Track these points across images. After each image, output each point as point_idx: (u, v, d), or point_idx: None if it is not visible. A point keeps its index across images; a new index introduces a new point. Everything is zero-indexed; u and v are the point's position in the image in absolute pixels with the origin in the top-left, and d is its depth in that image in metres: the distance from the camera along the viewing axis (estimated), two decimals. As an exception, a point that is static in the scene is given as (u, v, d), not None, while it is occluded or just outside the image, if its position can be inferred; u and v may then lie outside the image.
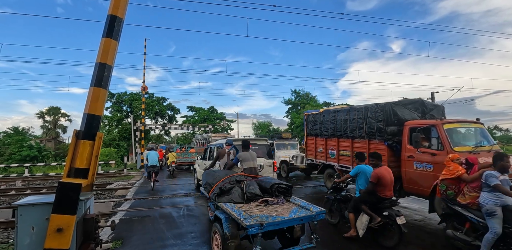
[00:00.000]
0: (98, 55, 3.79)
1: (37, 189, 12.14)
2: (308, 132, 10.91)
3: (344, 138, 8.66)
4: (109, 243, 4.79)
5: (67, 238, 2.99)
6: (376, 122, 7.26)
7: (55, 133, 37.80)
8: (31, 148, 24.56)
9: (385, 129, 6.93)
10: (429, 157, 5.96)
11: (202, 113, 40.17)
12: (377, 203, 4.69)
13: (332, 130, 9.17)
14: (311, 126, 10.65)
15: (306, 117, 11.21)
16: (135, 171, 19.04)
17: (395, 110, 6.92)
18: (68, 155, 3.42)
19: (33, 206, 3.10)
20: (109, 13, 3.94)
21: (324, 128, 9.70)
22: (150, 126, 27.46)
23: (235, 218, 3.53)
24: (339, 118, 8.89)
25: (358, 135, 7.96)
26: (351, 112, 8.41)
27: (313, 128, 10.50)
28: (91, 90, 3.66)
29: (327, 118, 9.59)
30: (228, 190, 4.44)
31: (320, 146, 10.06)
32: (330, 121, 9.34)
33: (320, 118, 10.02)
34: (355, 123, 8.10)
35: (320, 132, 9.93)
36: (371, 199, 4.70)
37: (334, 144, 9.11)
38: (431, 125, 6.16)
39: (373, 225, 4.60)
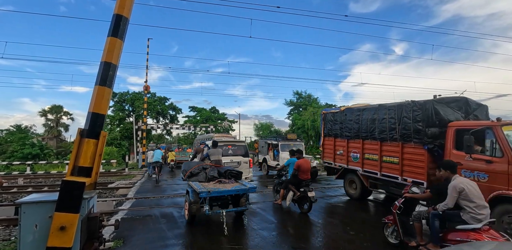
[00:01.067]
0: (104, 54, 3.80)
1: (38, 187, 12.18)
2: (326, 132, 9.88)
3: (370, 140, 7.70)
4: (111, 242, 4.79)
5: (70, 236, 2.99)
6: (413, 123, 6.33)
7: (57, 132, 37.93)
8: (33, 146, 24.66)
9: (425, 131, 6.00)
10: (483, 164, 5.04)
11: (203, 113, 40.21)
12: (298, 183, 6.98)
13: (356, 130, 8.19)
14: (330, 125, 9.62)
15: (324, 115, 10.13)
16: (136, 170, 19.06)
17: (437, 109, 5.97)
18: (72, 154, 3.43)
19: (37, 204, 3.11)
20: (115, 13, 3.95)
21: (345, 128, 8.71)
22: (151, 125, 27.48)
23: (195, 189, 5.45)
24: (365, 117, 7.91)
25: (389, 137, 7.03)
26: (380, 111, 7.44)
27: (332, 128, 9.49)
28: (96, 89, 3.66)
29: (349, 117, 8.56)
30: (196, 174, 6.50)
31: (340, 148, 9.06)
32: (354, 120, 8.34)
33: (341, 117, 8.98)
34: (385, 123, 7.15)
35: (341, 133, 8.93)
36: (295, 180, 7.04)
37: (358, 147, 8.12)
38: (486, 126, 5.20)
39: (295, 198, 6.93)
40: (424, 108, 6.14)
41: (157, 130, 33.99)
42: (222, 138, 19.17)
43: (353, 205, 7.98)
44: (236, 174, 6.64)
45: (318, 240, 5.03)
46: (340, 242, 4.88)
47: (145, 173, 17.00)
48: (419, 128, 6.17)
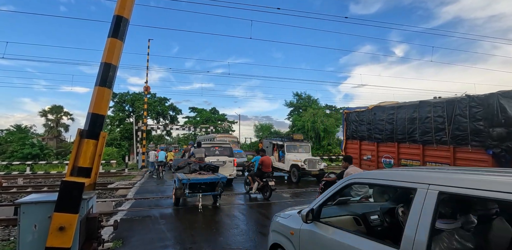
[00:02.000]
0: (104, 55, 3.81)
1: (38, 187, 12.17)
2: (349, 135, 8.79)
3: (409, 143, 6.60)
4: (110, 242, 4.79)
5: (69, 236, 3.00)
6: (472, 122, 5.29)
7: (57, 132, 37.93)
8: (33, 146, 24.65)
9: (488, 132, 5.01)
10: None
11: (204, 114, 40.21)
12: (261, 175, 8.66)
13: (389, 132, 7.08)
14: (354, 127, 8.52)
15: (347, 115, 9.03)
16: (136, 171, 19.06)
17: (503, 105, 4.89)
18: (72, 154, 3.43)
19: (36, 204, 3.11)
20: (115, 14, 3.96)
21: (375, 130, 7.63)
22: (151, 126, 27.49)
23: (180, 178, 7.29)
24: (402, 116, 6.79)
25: (436, 140, 5.92)
26: (422, 108, 6.32)
27: (357, 130, 8.40)
28: (95, 90, 3.67)
29: (380, 116, 7.47)
30: (182, 167, 8.43)
31: (367, 153, 8.00)
32: (386, 120, 7.23)
33: (369, 117, 7.89)
34: (430, 123, 6.07)
35: (369, 135, 7.85)
36: (259, 173, 8.76)
37: (392, 151, 7.00)
38: None
39: (259, 187, 8.69)
40: (486, 103, 5.07)
41: (157, 131, 34.03)
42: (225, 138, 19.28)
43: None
44: (213, 168, 8.46)
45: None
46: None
47: (144, 174, 17.00)
48: (480, 128, 5.13)
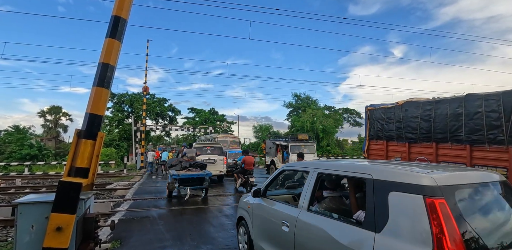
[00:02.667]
0: (101, 55, 3.81)
1: (36, 187, 12.14)
2: (374, 134, 7.84)
3: (452, 143, 5.78)
4: (108, 243, 4.78)
5: (66, 237, 2.99)
6: None
7: (56, 132, 37.90)
8: (31, 146, 24.60)
9: None
10: None
11: (203, 114, 40.23)
12: (244, 172, 9.93)
13: (426, 130, 6.19)
14: (380, 125, 7.55)
15: (370, 113, 8.08)
16: (135, 172, 19.03)
17: None
18: (69, 154, 3.43)
19: (33, 204, 3.11)
20: (113, 14, 3.96)
21: (407, 128, 6.69)
22: (150, 127, 27.49)
23: (171, 174, 8.53)
24: (442, 112, 5.93)
25: (489, 139, 5.12)
26: (470, 102, 5.48)
27: (383, 128, 7.42)
28: (93, 90, 3.67)
29: (413, 112, 6.53)
30: (175, 165, 9.50)
31: (396, 154, 7.02)
32: (422, 117, 6.31)
33: (398, 114, 6.95)
34: (481, 119, 5.28)
35: (398, 134, 6.91)
36: (242, 170, 10.00)
37: (428, 152, 6.09)
38: None
39: (242, 183, 9.98)
40: None
41: (156, 132, 34.09)
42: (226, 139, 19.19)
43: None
44: (201, 165, 9.56)
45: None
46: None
47: (143, 174, 17.00)
48: None
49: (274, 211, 3.39)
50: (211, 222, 6.18)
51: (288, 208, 3.17)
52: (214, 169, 11.02)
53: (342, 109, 45.51)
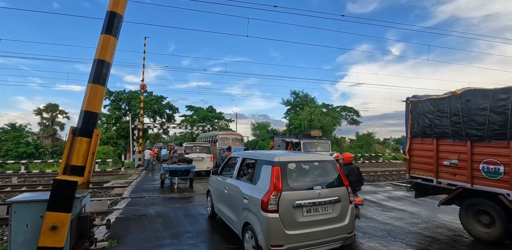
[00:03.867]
0: (97, 52, 3.75)
1: (33, 186, 12.06)
2: (418, 131, 6.61)
3: None
4: (105, 242, 4.74)
5: (61, 236, 2.95)
6: None
7: (53, 130, 37.67)
8: (28, 145, 24.42)
9: None
10: None
11: (200, 112, 40.10)
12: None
13: (498, 126, 5.03)
14: (428, 120, 6.35)
15: (413, 105, 6.81)
16: (132, 170, 18.96)
17: None
18: (65, 152, 3.38)
19: (28, 203, 3.07)
20: (108, 10, 3.91)
21: (469, 123, 5.48)
22: (148, 124, 27.35)
23: (164, 167, 10.91)
24: None
25: None
26: None
27: (432, 124, 6.24)
28: (89, 87, 3.62)
29: (479, 103, 5.35)
30: (167, 160, 11.45)
31: (451, 156, 5.80)
32: (492, 109, 5.14)
33: (456, 105, 5.73)
34: None
35: (455, 131, 5.73)
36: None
37: (502, 153, 4.93)
38: None
39: None
40: None
41: (154, 129, 33.85)
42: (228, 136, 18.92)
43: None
44: (188, 160, 11.53)
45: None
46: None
47: (141, 173, 16.93)
48: None
49: (222, 182, 5.58)
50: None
51: (227, 179, 5.37)
52: (202, 165, 13.05)
53: (340, 107, 45.56)
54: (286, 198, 3.71)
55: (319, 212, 3.87)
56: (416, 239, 5.04)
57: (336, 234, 3.90)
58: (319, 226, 3.81)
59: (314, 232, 3.76)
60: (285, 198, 3.70)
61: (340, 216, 4.00)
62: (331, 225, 3.88)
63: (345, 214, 4.04)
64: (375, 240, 4.95)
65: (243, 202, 4.29)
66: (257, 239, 3.73)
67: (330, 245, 3.89)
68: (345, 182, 4.27)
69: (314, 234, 3.75)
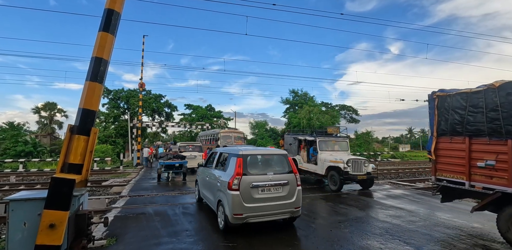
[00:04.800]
0: (94, 49, 3.74)
1: (31, 184, 12.04)
2: (447, 128, 5.95)
3: None
4: (103, 240, 4.74)
5: (59, 234, 2.95)
6: None
7: (51, 129, 37.55)
8: (26, 143, 24.33)
9: None
10: None
11: (199, 111, 40.05)
12: None
13: None
14: (458, 116, 5.71)
15: (439, 100, 6.17)
16: (131, 168, 18.94)
17: None
18: (62, 150, 3.37)
19: (26, 201, 3.06)
20: (106, 7, 3.89)
21: (508, 120, 4.78)
22: (147, 123, 27.32)
23: (160, 162, 12.47)
24: None
25: None
26: None
27: (464, 121, 5.57)
28: (86, 85, 3.61)
29: None
30: (163, 156, 12.69)
31: (487, 156, 5.12)
32: None
33: (494, 99, 5.05)
34: None
35: (493, 128, 5.04)
36: None
37: None
38: None
39: None
40: None
41: (153, 128, 33.77)
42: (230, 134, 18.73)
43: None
44: (181, 157, 12.81)
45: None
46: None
47: (140, 171, 16.92)
48: None
49: (205, 172, 6.92)
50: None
51: (209, 169, 6.68)
52: (194, 162, 13.95)
53: (339, 105, 45.61)
54: (245, 181, 5.05)
55: (271, 191, 5.20)
56: (414, 237, 5.06)
57: (285, 208, 5.21)
58: (271, 202, 5.12)
59: (267, 205, 5.07)
60: (244, 181, 5.05)
61: (289, 195, 5.30)
62: (280, 201, 5.19)
63: (293, 194, 5.34)
64: (373, 238, 4.98)
65: (217, 185, 5.66)
66: (225, 211, 5.07)
67: (280, 215, 5.26)
68: (294, 171, 5.54)
69: (267, 207, 5.07)
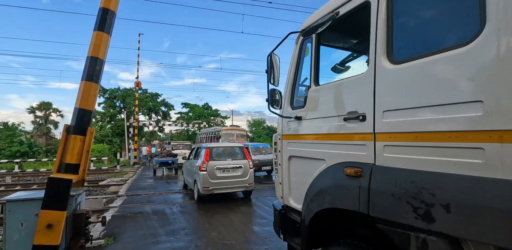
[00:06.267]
0: (90, 49, 3.72)
1: (27, 185, 11.97)
2: None
3: None
4: (101, 239, 4.75)
5: (57, 234, 2.95)
6: None
7: (47, 129, 37.21)
8: (21, 143, 24.13)
9: None
10: None
11: (196, 109, 39.95)
12: None
13: None
14: None
15: None
16: (128, 168, 18.89)
17: None
18: (59, 150, 3.37)
19: (22, 201, 3.06)
20: (101, 6, 3.86)
21: None
22: (143, 122, 27.21)
23: (155, 159, 14.85)
24: None
25: None
26: None
27: None
28: (82, 84, 3.59)
29: None
30: (158, 155, 15.75)
31: None
32: None
33: None
34: None
35: None
36: None
37: None
38: None
39: None
40: None
41: (149, 127, 33.71)
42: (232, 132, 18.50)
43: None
44: (174, 155, 14.76)
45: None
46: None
47: (137, 170, 16.89)
48: None
49: (188, 162, 8.90)
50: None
51: (190, 160, 8.74)
52: None
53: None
54: (211, 165, 7.33)
55: (230, 172, 7.47)
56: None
57: (240, 184, 7.51)
58: (229, 179, 7.40)
59: (227, 181, 7.36)
60: (210, 164, 7.33)
61: (243, 174, 7.56)
62: (237, 179, 7.48)
63: (246, 174, 7.58)
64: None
65: (193, 169, 7.86)
66: (198, 185, 7.37)
67: (236, 189, 7.58)
68: (248, 158, 7.91)
69: (227, 182, 7.36)
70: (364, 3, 1.79)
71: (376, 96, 1.66)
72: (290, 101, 2.63)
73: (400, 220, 1.40)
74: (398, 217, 1.41)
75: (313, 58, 2.31)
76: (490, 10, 1.16)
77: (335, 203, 1.81)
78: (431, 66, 1.39)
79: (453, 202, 1.20)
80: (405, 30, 1.63)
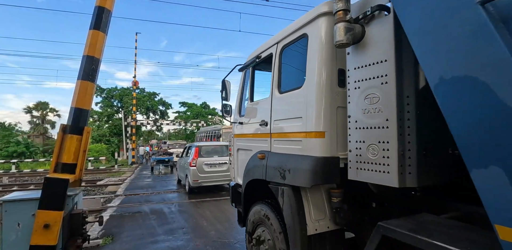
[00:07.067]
0: (86, 48, 3.69)
1: (24, 185, 11.90)
2: None
3: None
4: (99, 239, 4.74)
5: (54, 234, 2.94)
6: None
7: (43, 129, 37.02)
8: (18, 144, 24.01)
9: None
10: None
11: (194, 109, 39.87)
12: None
13: None
14: None
15: None
16: (126, 167, 18.84)
17: None
18: (55, 150, 3.35)
19: (19, 202, 3.04)
20: (96, 5, 3.83)
21: None
22: (141, 121, 27.15)
23: (153, 158, 16.69)
24: None
25: None
26: None
27: None
28: (78, 84, 3.57)
29: None
30: (156, 153, 17.78)
31: None
32: None
33: None
34: None
35: None
36: None
37: None
38: None
39: None
40: None
41: (147, 126, 33.59)
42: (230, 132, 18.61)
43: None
44: (169, 153, 15.94)
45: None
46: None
47: (135, 170, 16.85)
48: None
49: (181, 160, 9.85)
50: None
51: (183, 158, 9.60)
52: None
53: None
54: (200, 161, 8.25)
55: (216, 167, 8.42)
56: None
57: (226, 177, 8.17)
58: (216, 173, 8.36)
59: (214, 175, 8.33)
60: (199, 161, 8.25)
61: (229, 169, 7.14)
62: (222, 173, 8.32)
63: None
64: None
65: (185, 165, 8.85)
66: (188, 179, 8.38)
67: (222, 181, 8.49)
68: None
69: (214, 176, 8.33)
70: (269, 54, 2.92)
71: (272, 111, 2.78)
72: (238, 111, 3.78)
73: (275, 180, 2.50)
74: (274, 179, 2.51)
75: (249, 82, 3.45)
76: (306, 73, 2.29)
77: (254, 175, 2.92)
78: (290, 97, 2.51)
79: (291, 168, 2.28)
80: (285, 76, 2.72)
